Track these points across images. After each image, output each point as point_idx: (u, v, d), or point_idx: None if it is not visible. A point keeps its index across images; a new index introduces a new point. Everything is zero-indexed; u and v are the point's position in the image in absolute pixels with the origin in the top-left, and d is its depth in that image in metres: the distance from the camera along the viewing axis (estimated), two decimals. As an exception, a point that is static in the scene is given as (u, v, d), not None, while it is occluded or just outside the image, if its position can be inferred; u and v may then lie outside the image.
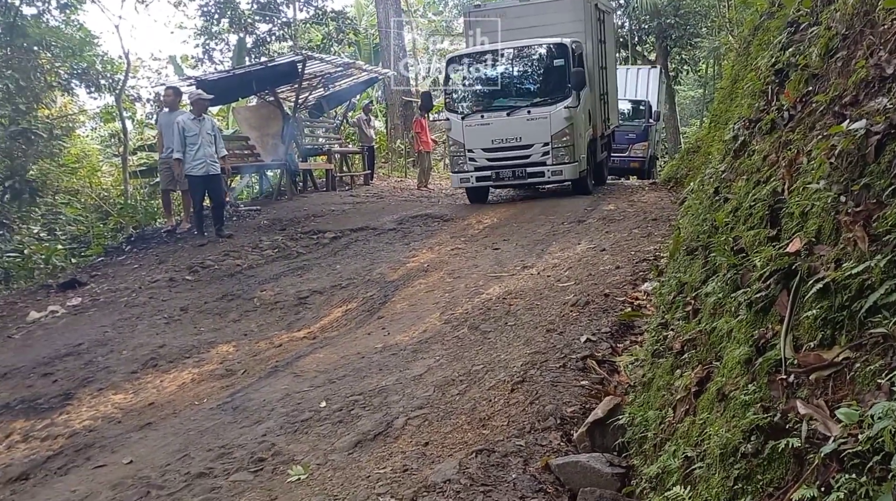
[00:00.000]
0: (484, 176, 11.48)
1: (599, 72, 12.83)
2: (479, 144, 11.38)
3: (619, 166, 18.64)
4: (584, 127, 11.56)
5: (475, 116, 11.46)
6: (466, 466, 3.30)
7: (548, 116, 11.06)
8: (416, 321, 6.07)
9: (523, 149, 11.19)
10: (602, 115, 13.14)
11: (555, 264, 6.94)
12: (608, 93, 13.61)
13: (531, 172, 11.21)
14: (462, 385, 4.35)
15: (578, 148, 11.26)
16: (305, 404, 4.56)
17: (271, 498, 3.44)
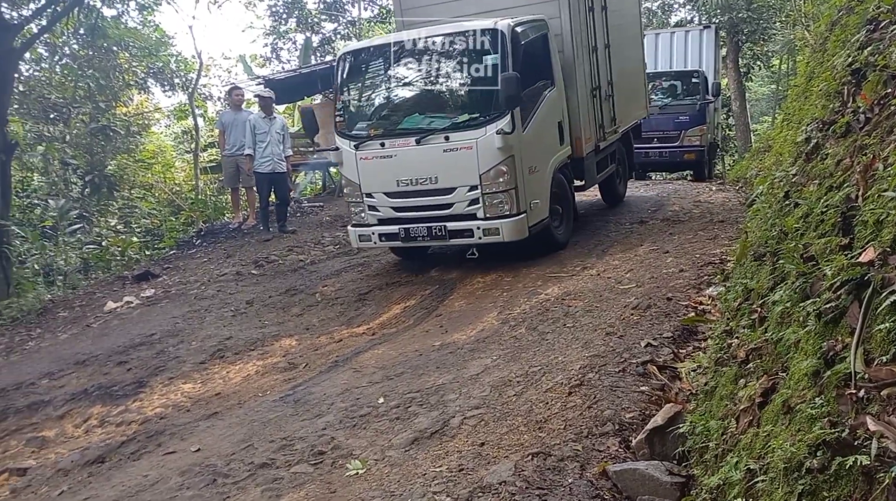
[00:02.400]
0: (389, 233, 7.40)
1: (593, 55, 8.65)
2: (379, 185, 7.36)
3: (669, 160, 14.90)
4: (541, 154, 7.50)
5: (373, 145, 7.29)
6: (522, 468, 3.30)
7: (473, 145, 6.90)
8: (473, 319, 6.09)
9: (441, 194, 7.11)
10: (605, 114, 9.06)
11: (615, 266, 6.85)
12: (614, 82, 9.32)
13: (454, 229, 7.12)
14: (519, 386, 4.35)
15: (527, 190, 7.15)
16: (364, 399, 4.64)
17: (330, 491, 3.52)
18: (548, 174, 7.58)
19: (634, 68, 10.80)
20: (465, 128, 7.02)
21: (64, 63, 16.84)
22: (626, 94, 10.04)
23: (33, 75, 16.28)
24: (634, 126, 10.91)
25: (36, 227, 13.09)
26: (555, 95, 7.82)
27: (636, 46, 11.02)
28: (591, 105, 8.59)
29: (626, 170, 10.96)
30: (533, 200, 7.24)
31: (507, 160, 6.92)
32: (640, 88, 11.15)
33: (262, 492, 3.64)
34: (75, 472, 4.39)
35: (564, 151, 8.02)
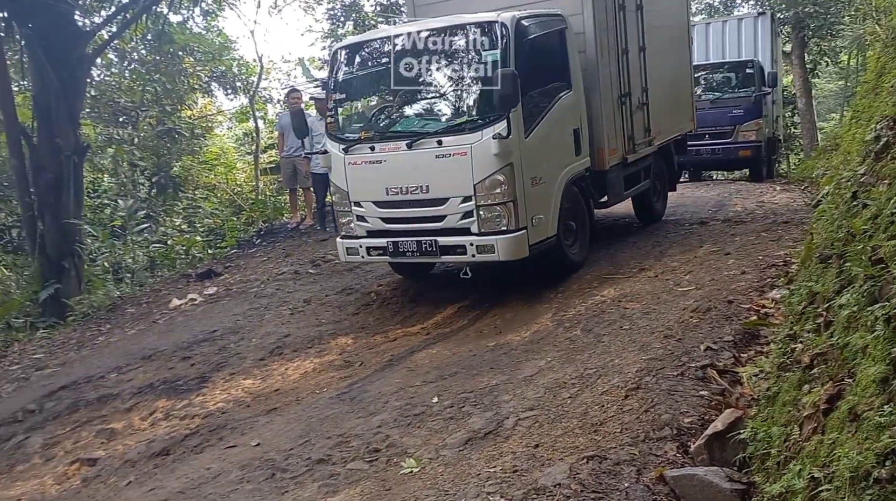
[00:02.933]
0: (377, 246, 6.71)
1: (622, 59, 7.84)
2: (368, 193, 6.69)
3: (722, 158, 14.04)
4: (548, 164, 6.66)
5: (362, 149, 6.65)
6: (577, 471, 3.28)
7: (467, 151, 6.17)
8: (527, 320, 6.07)
9: (432, 205, 6.38)
10: (637, 125, 8.17)
11: (674, 268, 6.72)
12: (650, 89, 8.45)
13: (445, 245, 6.34)
14: (574, 389, 4.32)
15: (529, 204, 6.32)
16: (418, 398, 4.68)
17: (385, 489, 3.57)
18: (557, 187, 6.69)
19: (678, 76, 9.66)
20: (459, 131, 6.25)
21: (132, 68, 17.49)
22: (666, 103, 9.06)
23: (104, 80, 16.97)
24: (677, 139, 9.82)
25: (106, 226, 13.63)
26: (571, 99, 6.94)
27: (681, 52, 9.81)
28: (618, 113, 7.74)
29: (665, 187, 9.74)
30: (536, 215, 6.35)
31: (504, 169, 6.08)
32: (684, 98, 9.95)
33: (318, 488, 3.72)
34: (141, 463, 4.56)
35: (581, 162, 7.11)
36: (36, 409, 5.71)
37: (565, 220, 6.92)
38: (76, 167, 10.58)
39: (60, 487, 4.47)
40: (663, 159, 9.48)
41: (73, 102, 10.67)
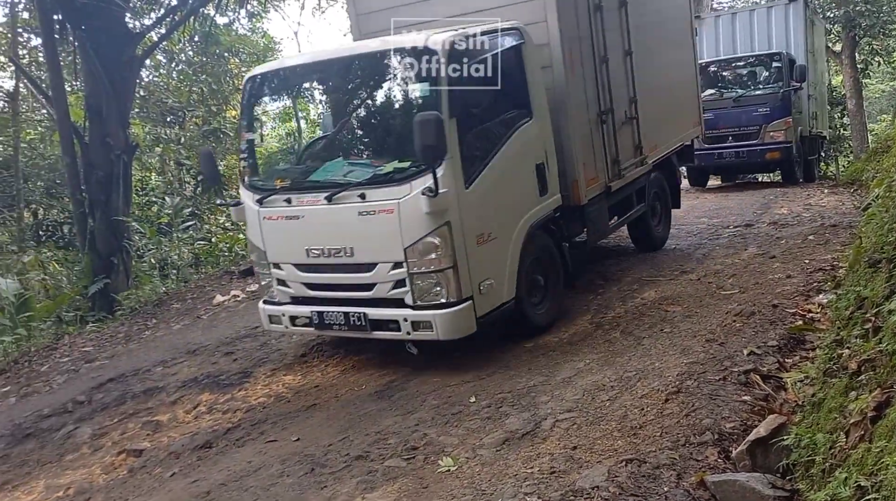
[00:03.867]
0: (302, 316, 5.59)
1: (601, 69, 6.61)
2: (287, 254, 5.55)
3: (747, 161, 12.83)
4: (502, 215, 5.42)
5: (277, 200, 5.50)
6: (616, 474, 3.26)
7: (394, 208, 4.97)
8: (565, 322, 6.04)
9: (359, 272, 5.23)
10: (623, 145, 6.97)
11: (717, 271, 6.62)
12: (640, 99, 7.27)
13: (376, 318, 5.21)
14: (613, 391, 4.29)
15: (476, 268, 5.12)
16: (456, 397, 4.70)
17: (423, 487, 3.59)
18: (515, 241, 5.45)
19: (679, 77, 8.55)
20: (385, 183, 5.03)
21: (180, 69, 17.89)
22: (663, 111, 7.92)
23: (152, 81, 17.41)
24: (679, 149, 8.58)
25: (153, 223, 13.98)
26: (532, 129, 5.67)
27: (681, 48, 8.64)
28: (597, 136, 6.52)
29: (667, 208, 8.44)
30: (485, 279, 5.15)
31: (439, 230, 4.88)
32: (688, 101, 8.82)
33: (356, 484, 3.76)
34: (185, 455, 4.67)
35: (549, 202, 5.85)
36: (85, 400, 5.88)
37: (531, 274, 5.74)
38: (125, 166, 10.87)
39: (108, 477, 4.59)
40: (663, 176, 8.23)
41: (123, 102, 10.97)
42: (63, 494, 4.45)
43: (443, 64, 4.93)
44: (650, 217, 7.92)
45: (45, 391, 6.51)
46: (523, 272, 5.56)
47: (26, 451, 5.22)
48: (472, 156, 5.16)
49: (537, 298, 5.87)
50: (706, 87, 12.65)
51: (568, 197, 6.14)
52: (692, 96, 8.97)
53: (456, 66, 5.03)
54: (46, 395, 6.36)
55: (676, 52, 8.52)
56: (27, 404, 6.18)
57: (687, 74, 8.84)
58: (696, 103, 9.06)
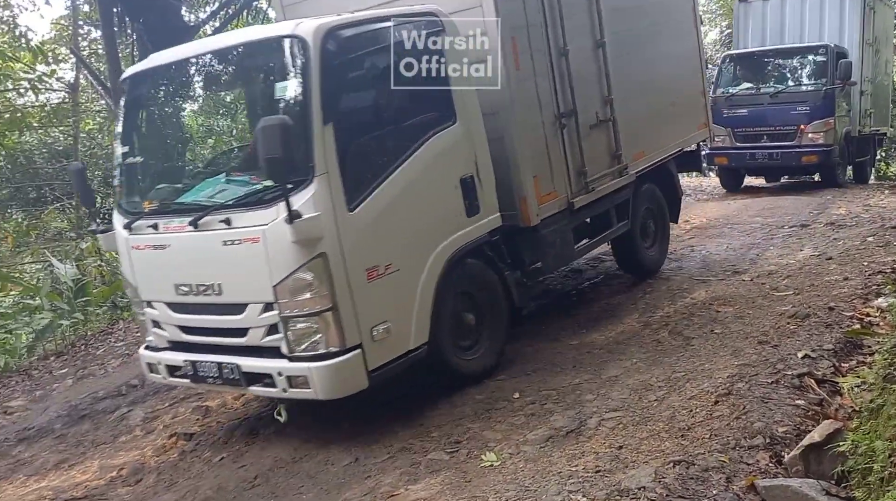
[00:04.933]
0: (173, 364, 4.63)
1: (561, 62, 5.58)
2: (158, 291, 4.62)
3: (781, 164, 11.83)
4: (406, 241, 4.43)
5: (144, 225, 4.57)
6: (663, 475, 3.20)
7: (260, 237, 4.02)
8: (612, 320, 5.97)
9: (229, 313, 4.30)
10: (592, 153, 5.87)
11: (771, 271, 6.45)
12: (617, 99, 6.11)
13: (250, 370, 4.25)
14: (661, 391, 4.22)
15: (367, 308, 4.14)
16: (500, 393, 4.68)
17: (465, 480, 3.59)
18: (429, 272, 4.46)
19: (676, 72, 7.21)
20: (253, 205, 4.06)
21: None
22: (655, 112, 6.74)
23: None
24: (688, 153, 7.54)
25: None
26: (454, 135, 4.69)
27: (681, 38, 7.35)
28: (555, 142, 5.44)
29: (664, 224, 7.16)
30: (379, 323, 4.16)
31: (312, 263, 3.93)
32: (691, 99, 7.45)
33: (399, 475, 3.78)
34: (234, 441, 4.75)
35: (481, 223, 4.83)
36: (138, 384, 6.05)
37: (457, 312, 4.78)
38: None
39: (159, 459, 4.72)
40: (657, 187, 6.98)
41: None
42: (116, 474, 4.58)
43: (315, 56, 3.95)
44: (638, 237, 6.65)
45: (100, 374, 6.72)
46: (444, 310, 4.56)
47: (81, 432, 5.40)
48: (360, 170, 4.18)
49: (468, 340, 4.87)
50: (741, 81, 12.09)
51: (515, 216, 5.11)
52: (696, 94, 7.55)
53: (336, 59, 4.07)
54: (101, 378, 6.57)
55: (674, 42, 7.18)
56: (83, 386, 6.39)
57: (689, 68, 7.46)
58: (703, 103, 7.66)
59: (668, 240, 7.34)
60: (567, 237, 5.74)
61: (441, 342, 4.58)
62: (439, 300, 4.52)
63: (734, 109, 11.90)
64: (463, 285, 4.79)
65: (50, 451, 5.09)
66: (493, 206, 4.93)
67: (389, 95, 4.54)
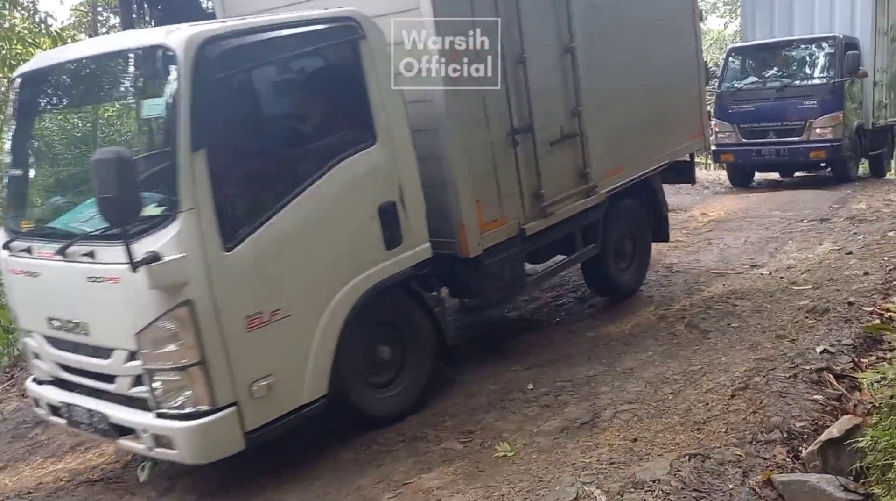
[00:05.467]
0: (53, 403, 4.12)
1: (518, 70, 4.86)
2: (34, 321, 4.14)
3: (789, 160, 11.51)
4: (300, 282, 3.82)
5: (19, 246, 4.03)
6: (678, 468, 3.18)
7: (120, 277, 3.45)
8: (628, 312, 5.93)
9: (98, 357, 3.76)
10: (555, 170, 5.16)
11: (789, 265, 6.39)
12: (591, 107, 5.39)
13: (118, 422, 3.71)
14: (676, 384, 4.19)
15: (247, 361, 3.57)
16: (514, 384, 4.66)
17: (479, 470, 3.58)
18: (332, 315, 3.91)
19: (666, 78, 6.34)
20: (112, 239, 3.43)
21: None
22: (637, 124, 5.93)
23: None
24: (678, 165, 6.71)
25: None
26: (373, 157, 4.10)
27: (673, 38, 6.46)
28: (505, 162, 4.78)
29: (644, 244, 6.44)
30: (261, 377, 3.62)
31: (175, 311, 3.41)
32: (682, 106, 6.64)
33: (413, 463, 3.78)
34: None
35: (405, 256, 4.26)
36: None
37: (374, 346, 4.30)
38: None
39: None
40: (638, 203, 6.27)
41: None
42: (132, 458, 4.61)
43: (186, 71, 3.37)
44: (610, 259, 5.96)
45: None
46: (354, 350, 4.07)
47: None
48: (241, 203, 3.71)
49: (385, 376, 4.37)
50: (747, 75, 11.75)
51: (454, 245, 4.55)
52: (691, 100, 6.71)
53: (214, 73, 3.47)
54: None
55: (665, 44, 6.30)
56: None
57: (683, 72, 6.60)
58: (698, 109, 6.82)
59: (648, 260, 6.59)
60: (517, 268, 5.04)
61: (348, 386, 4.08)
62: (347, 344, 3.97)
63: (740, 104, 11.54)
64: (382, 315, 4.30)
65: (67, 434, 5.14)
66: (422, 235, 4.34)
67: (286, 115, 4.22)
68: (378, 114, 4.11)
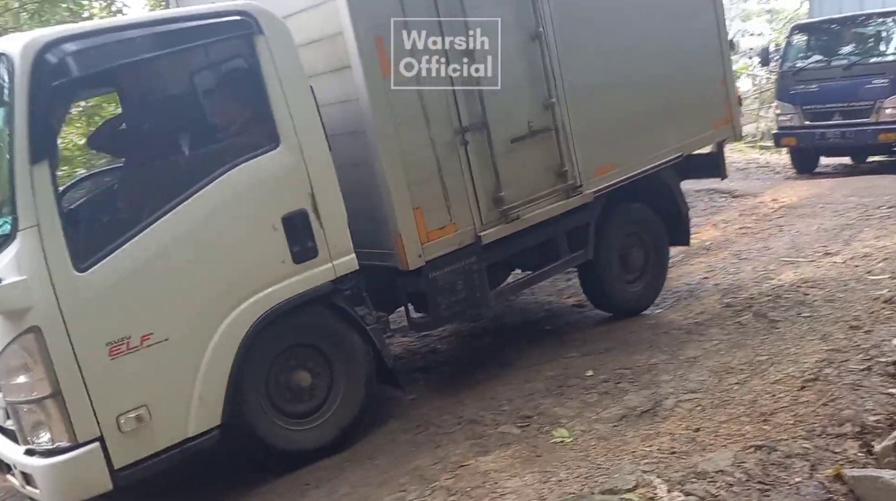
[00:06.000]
0: None
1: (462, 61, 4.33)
2: None
3: (854, 143, 10.60)
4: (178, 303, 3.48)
5: None
6: (742, 460, 3.09)
7: None
8: (692, 300, 5.80)
9: None
10: (522, 171, 4.65)
11: (865, 254, 6.09)
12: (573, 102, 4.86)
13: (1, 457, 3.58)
14: (742, 375, 4.07)
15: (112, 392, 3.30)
16: (572, 370, 4.62)
17: (536, 455, 3.56)
18: (217, 340, 3.54)
19: (673, 57, 5.50)
20: None
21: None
22: (634, 114, 5.25)
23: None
24: (676, 160, 5.56)
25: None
26: (276, 162, 3.73)
27: (685, 11, 5.63)
28: (452, 163, 4.30)
29: (659, 252, 5.75)
30: (127, 410, 3.32)
31: (21, 339, 3.17)
32: (703, 90, 5.78)
33: (470, 445, 3.79)
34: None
35: (320, 271, 3.85)
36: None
37: (290, 370, 3.89)
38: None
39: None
40: (648, 203, 5.58)
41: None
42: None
43: (23, 79, 3.10)
44: (609, 269, 5.34)
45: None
46: (260, 379, 3.74)
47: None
48: (98, 219, 3.55)
49: (305, 404, 3.94)
50: (812, 53, 11.10)
51: (392, 257, 4.16)
52: (711, 83, 5.84)
53: (59, 81, 3.17)
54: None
55: (672, 22, 5.51)
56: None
57: (698, 52, 5.75)
58: (723, 93, 5.91)
59: (663, 272, 5.85)
60: (474, 280, 4.46)
61: (254, 417, 3.70)
62: (249, 369, 3.65)
63: (803, 84, 10.88)
64: (299, 337, 3.90)
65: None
66: (344, 246, 3.91)
67: (161, 120, 3.87)
68: (280, 115, 3.71)
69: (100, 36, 3.36)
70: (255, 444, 3.77)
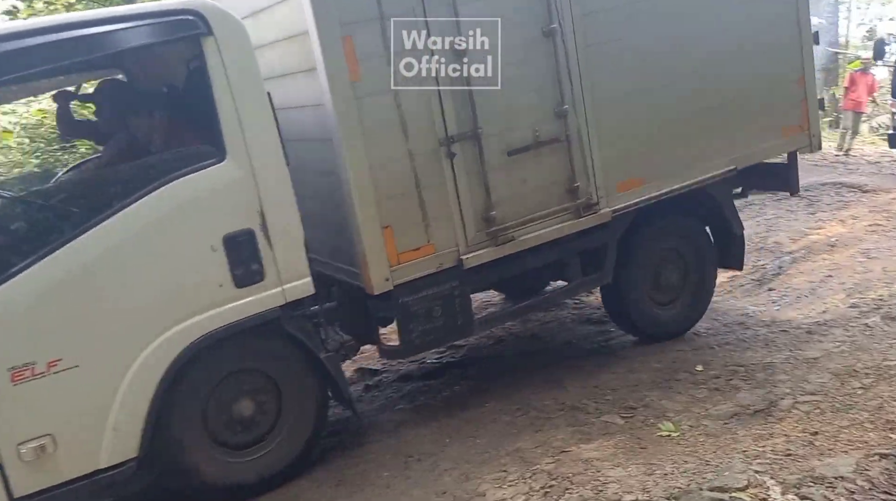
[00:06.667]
0: None
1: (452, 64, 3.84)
2: None
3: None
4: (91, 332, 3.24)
5: None
6: (866, 467, 2.92)
7: None
8: (813, 299, 5.52)
9: None
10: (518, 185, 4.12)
11: None
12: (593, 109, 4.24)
13: None
14: (867, 379, 3.84)
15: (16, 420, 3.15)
16: (680, 364, 4.51)
17: (640, 447, 3.50)
18: (137, 367, 3.28)
19: (723, 58, 4.67)
20: None
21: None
22: (672, 120, 4.53)
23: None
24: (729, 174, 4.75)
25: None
26: (219, 176, 3.39)
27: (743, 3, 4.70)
28: (434, 177, 3.86)
29: (701, 272, 5.02)
30: (27, 439, 3.14)
31: None
32: (763, 92, 4.83)
33: (572, 432, 3.76)
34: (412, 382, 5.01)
35: (267, 295, 3.51)
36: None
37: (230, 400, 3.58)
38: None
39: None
40: (692, 222, 4.99)
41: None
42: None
43: None
44: (634, 291, 4.77)
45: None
46: (191, 409, 3.46)
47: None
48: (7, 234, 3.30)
49: (249, 435, 3.63)
50: None
51: (358, 275, 3.82)
52: (782, 84, 4.91)
53: None
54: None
55: (728, 12, 4.66)
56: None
57: (766, 47, 4.81)
58: (798, 95, 4.94)
59: (707, 294, 5.14)
60: (455, 307, 4.03)
61: (183, 448, 3.45)
62: (179, 398, 3.39)
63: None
64: (242, 363, 3.59)
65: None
66: (298, 269, 3.55)
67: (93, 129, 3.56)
68: (228, 125, 3.35)
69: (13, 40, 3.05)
70: (187, 477, 3.51)
